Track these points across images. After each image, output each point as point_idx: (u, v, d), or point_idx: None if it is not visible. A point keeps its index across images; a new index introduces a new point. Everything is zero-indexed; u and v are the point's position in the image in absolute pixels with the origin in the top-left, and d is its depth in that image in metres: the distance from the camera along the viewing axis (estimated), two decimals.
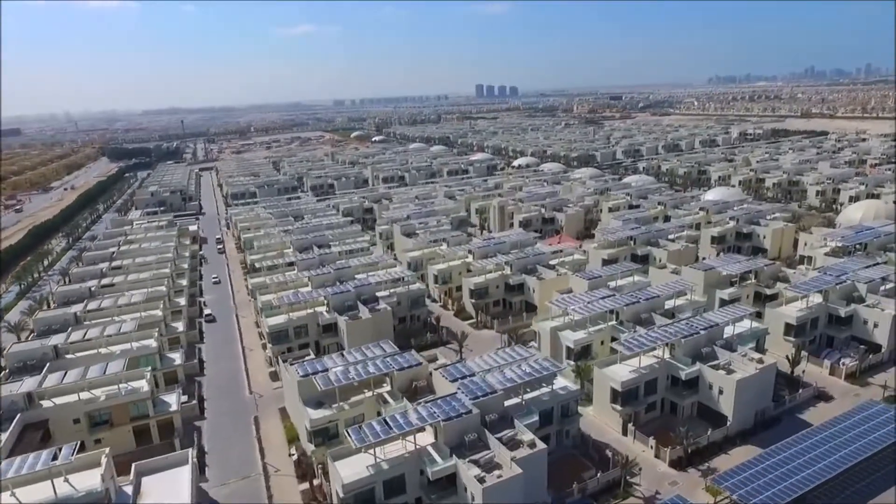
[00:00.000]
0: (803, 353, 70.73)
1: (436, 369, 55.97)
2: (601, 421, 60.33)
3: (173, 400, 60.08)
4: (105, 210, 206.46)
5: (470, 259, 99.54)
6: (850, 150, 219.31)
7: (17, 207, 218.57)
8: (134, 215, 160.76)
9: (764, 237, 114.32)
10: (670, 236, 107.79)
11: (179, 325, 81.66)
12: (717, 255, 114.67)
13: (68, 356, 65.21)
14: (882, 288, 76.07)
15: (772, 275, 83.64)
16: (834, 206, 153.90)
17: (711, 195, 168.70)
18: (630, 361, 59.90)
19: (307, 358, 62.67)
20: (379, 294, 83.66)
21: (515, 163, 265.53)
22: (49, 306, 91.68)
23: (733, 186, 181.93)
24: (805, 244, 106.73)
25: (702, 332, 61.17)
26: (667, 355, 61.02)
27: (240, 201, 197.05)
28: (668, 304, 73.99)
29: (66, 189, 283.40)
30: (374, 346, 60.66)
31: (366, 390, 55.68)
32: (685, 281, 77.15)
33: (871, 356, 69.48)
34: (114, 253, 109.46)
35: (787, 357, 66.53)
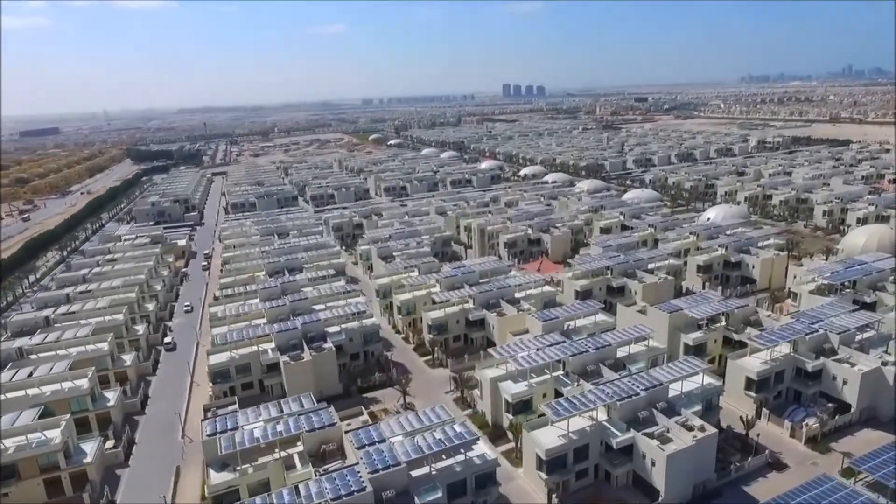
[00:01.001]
0: (765, 410, 66.33)
1: (346, 432, 53.42)
2: (529, 487, 56.91)
3: (90, 449, 58.97)
4: (110, 219, 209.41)
5: (436, 289, 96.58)
6: (868, 163, 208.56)
7: (25, 216, 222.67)
8: (123, 229, 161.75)
9: (753, 267, 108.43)
10: (651, 265, 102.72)
11: (128, 359, 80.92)
12: (703, 285, 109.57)
13: None
14: (859, 338, 70.61)
15: (744, 318, 78.47)
16: (841, 228, 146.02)
17: (713, 213, 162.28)
18: (562, 423, 56.26)
19: (230, 408, 60.94)
20: (331, 329, 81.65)
21: (522, 172, 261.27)
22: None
23: (738, 203, 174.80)
24: (794, 277, 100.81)
25: (641, 394, 57.11)
26: (603, 417, 57.30)
27: (238, 212, 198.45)
28: (624, 352, 69.95)
29: (82, 193, 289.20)
30: (294, 401, 58.55)
31: (277, 450, 53.51)
32: (643, 327, 72.69)
33: (837, 417, 64.31)
34: (86, 274, 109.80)
35: (742, 418, 61.97)
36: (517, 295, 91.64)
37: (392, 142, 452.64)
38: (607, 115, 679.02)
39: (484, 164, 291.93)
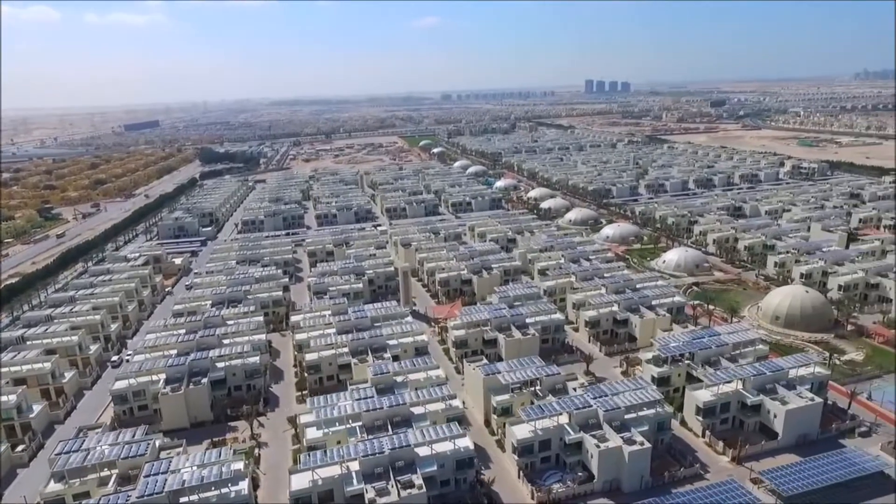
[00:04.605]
0: (522, 473, 76.61)
1: (148, 462, 70.76)
2: None
3: None
4: (145, 230, 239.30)
5: (332, 330, 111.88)
6: (874, 204, 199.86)
7: (61, 233, 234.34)
8: (128, 249, 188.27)
9: (636, 326, 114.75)
10: (528, 320, 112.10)
11: (68, 376, 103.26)
12: (588, 340, 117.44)
13: None
14: (630, 416, 78.49)
15: (552, 385, 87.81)
16: (790, 281, 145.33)
17: (671, 255, 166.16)
18: (319, 470, 70.14)
19: (98, 430, 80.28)
20: (220, 365, 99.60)
21: (528, 195, 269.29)
22: None
23: (706, 246, 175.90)
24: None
25: (386, 452, 70.03)
26: (356, 468, 70.72)
27: (248, 229, 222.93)
28: (421, 410, 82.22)
29: (146, 196, 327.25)
30: (130, 431, 76.79)
31: (101, 470, 71.91)
32: (444, 389, 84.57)
33: (577, 485, 73.56)
34: (74, 295, 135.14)
35: (486, 478, 72.83)
36: (390, 343, 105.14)
37: (435, 150, 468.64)
38: (672, 121, 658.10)
39: (501, 182, 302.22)
